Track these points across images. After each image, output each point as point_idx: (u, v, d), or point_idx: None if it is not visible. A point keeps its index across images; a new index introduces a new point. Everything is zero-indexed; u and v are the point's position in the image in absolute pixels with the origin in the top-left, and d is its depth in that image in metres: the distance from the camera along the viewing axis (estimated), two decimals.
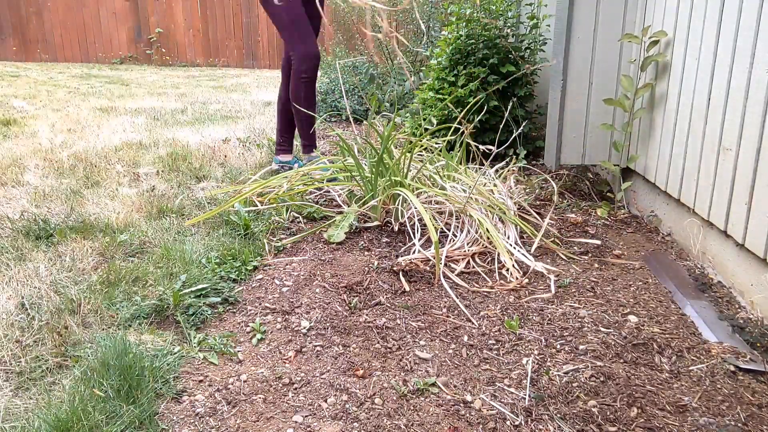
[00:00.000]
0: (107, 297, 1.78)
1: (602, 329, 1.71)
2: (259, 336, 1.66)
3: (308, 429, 1.32)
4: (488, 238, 2.22)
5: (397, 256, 2.14)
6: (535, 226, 2.47)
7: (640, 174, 2.65)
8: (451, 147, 3.39)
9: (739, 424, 1.34)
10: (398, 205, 2.38)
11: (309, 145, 3.12)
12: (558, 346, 1.64)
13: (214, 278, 1.92)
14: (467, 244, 2.22)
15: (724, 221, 1.97)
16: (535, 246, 2.25)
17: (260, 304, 1.84)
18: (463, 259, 2.13)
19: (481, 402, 1.42)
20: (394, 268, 2.03)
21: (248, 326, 1.72)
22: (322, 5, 2.92)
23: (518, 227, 2.36)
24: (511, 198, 2.66)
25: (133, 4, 9.42)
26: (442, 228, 2.37)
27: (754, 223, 1.82)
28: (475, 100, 3.19)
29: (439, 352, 1.62)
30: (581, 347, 1.63)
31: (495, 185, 2.66)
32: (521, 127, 3.28)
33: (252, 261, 2.08)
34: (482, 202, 2.42)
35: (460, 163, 2.75)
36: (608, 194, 2.90)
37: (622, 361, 1.57)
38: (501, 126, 3.41)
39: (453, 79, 3.45)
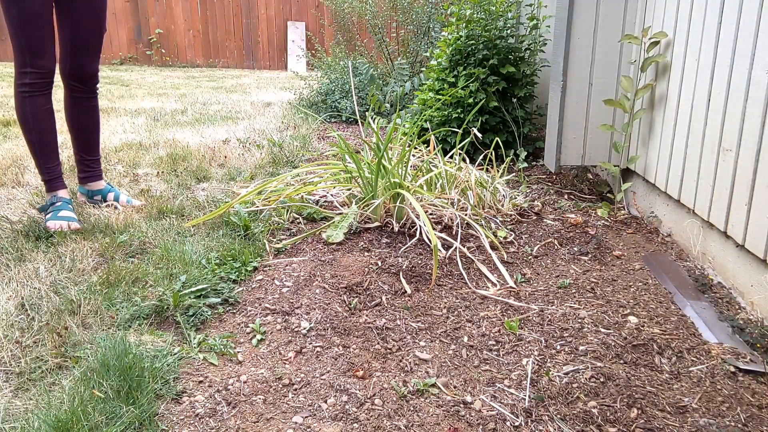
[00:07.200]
0: (107, 298, 1.78)
1: (602, 330, 1.71)
2: (259, 337, 1.66)
3: (308, 430, 1.32)
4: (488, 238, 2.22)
5: (397, 257, 2.14)
6: (535, 226, 2.47)
7: (640, 175, 2.65)
8: (451, 147, 3.40)
9: (739, 425, 1.34)
10: (399, 203, 2.38)
11: (47, 181, 2.42)
12: (558, 347, 1.64)
13: (213, 279, 1.92)
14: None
15: (724, 222, 1.97)
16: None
17: (260, 305, 1.84)
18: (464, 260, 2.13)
19: (481, 403, 1.42)
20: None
21: (248, 327, 1.72)
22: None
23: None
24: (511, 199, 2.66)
25: (133, 5, 9.43)
26: (441, 228, 2.37)
27: (754, 224, 1.82)
28: (475, 101, 3.19)
29: (439, 352, 1.62)
30: (581, 348, 1.63)
31: (495, 187, 2.66)
32: (521, 128, 3.28)
33: (252, 262, 2.08)
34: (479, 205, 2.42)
35: (460, 167, 2.75)
36: (608, 195, 2.90)
37: (622, 361, 1.57)
38: (501, 127, 3.42)
39: (453, 80, 3.45)
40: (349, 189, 2.66)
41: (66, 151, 3.32)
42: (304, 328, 1.70)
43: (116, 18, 9.40)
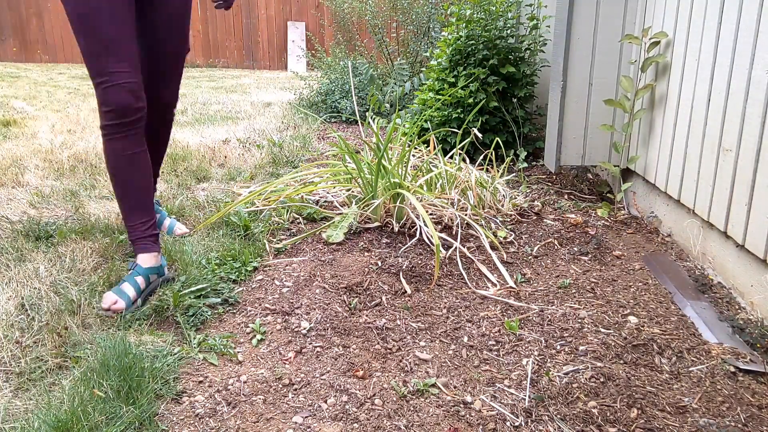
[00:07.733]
0: None
1: (602, 330, 1.71)
2: (259, 337, 1.66)
3: (308, 430, 1.32)
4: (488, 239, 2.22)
5: (397, 257, 2.14)
6: (535, 226, 2.47)
7: (640, 175, 2.65)
8: (451, 147, 3.40)
9: (739, 425, 1.34)
10: (399, 203, 2.38)
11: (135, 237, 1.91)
12: (558, 347, 1.64)
13: (214, 279, 1.92)
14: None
15: (724, 222, 1.97)
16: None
17: (260, 305, 1.84)
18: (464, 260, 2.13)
19: (481, 403, 1.42)
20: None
21: (248, 327, 1.72)
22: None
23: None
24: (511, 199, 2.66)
25: None
26: (441, 228, 2.37)
27: (754, 224, 1.82)
28: (475, 101, 3.19)
29: (439, 352, 1.62)
30: (581, 348, 1.63)
31: (495, 187, 2.66)
32: (521, 128, 3.28)
33: (252, 262, 2.08)
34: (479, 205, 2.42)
35: (460, 168, 2.75)
36: (608, 195, 2.90)
37: (622, 361, 1.57)
38: (501, 127, 3.42)
39: (453, 80, 3.45)
40: (349, 189, 2.66)
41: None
42: (304, 328, 1.70)
43: None
